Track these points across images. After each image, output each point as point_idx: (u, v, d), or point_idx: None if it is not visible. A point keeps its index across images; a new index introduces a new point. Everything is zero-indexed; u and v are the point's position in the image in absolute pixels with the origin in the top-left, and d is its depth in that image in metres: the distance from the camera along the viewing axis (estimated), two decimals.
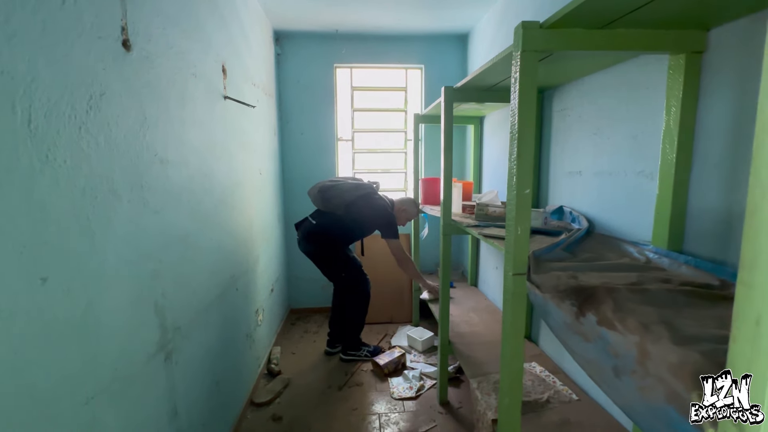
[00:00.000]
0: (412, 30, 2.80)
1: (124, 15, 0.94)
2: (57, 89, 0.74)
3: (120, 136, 0.92)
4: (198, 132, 1.38)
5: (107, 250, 0.87)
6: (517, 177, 0.90)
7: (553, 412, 1.30)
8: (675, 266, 0.90)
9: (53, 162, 0.72)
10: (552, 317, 0.82)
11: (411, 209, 2.44)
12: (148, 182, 1.05)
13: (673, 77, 0.96)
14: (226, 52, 1.71)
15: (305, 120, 2.98)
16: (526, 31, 0.87)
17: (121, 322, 0.92)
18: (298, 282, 3.12)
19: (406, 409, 1.91)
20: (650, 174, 1.11)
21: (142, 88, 1.02)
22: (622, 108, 1.23)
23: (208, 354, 1.44)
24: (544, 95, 1.71)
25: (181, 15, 1.26)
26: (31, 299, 0.67)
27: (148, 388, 1.04)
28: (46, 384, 0.70)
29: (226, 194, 1.71)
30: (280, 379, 2.13)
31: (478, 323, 2.11)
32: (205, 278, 1.43)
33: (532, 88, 0.89)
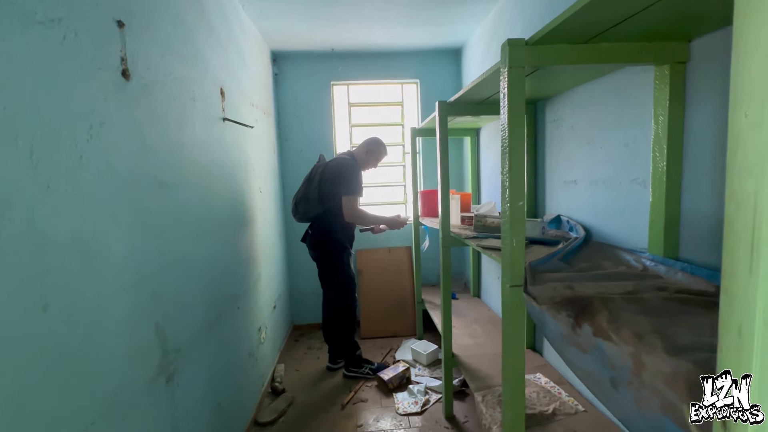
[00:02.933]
0: (407, 46, 2.86)
1: (123, 46, 0.97)
2: (58, 121, 0.76)
3: (120, 162, 0.95)
4: (197, 154, 1.41)
5: (107, 275, 0.89)
6: (510, 189, 0.92)
7: (559, 424, 1.28)
8: (671, 273, 0.91)
9: (54, 191, 0.74)
10: (549, 329, 0.82)
11: (375, 148, 2.30)
12: (147, 206, 1.07)
13: (659, 87, 0.98)
14: (224, 75, 1.75)
15: (304, 137, 3.02)
16: (512, 48, 0.90)
17: (121, 345, 0.93)
18: (301, 297, 3.11)
19: (411, 424, 1.88)
20: (643, 182, 1.12)
21: (141, 115, 1.05)
22: (613, 117, 1.25)
23: (210, 375, 1.44)
24: (536, 106, 1.74)
25: (179, 42, 1.30)
26: (33, 327, 0.68)
27: (149, 412, 1.03)
28: (47, 411, 0.71)
29: (226, 214, 1.73)
30: (284, 398, 2.11)
31: (482, 335, 2.09)
32: (205, 298, 1.44)
33: (521, 101, 0.91)
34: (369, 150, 2.32)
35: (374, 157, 2.34)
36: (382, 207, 3.21)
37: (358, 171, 2.24)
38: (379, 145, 2.35)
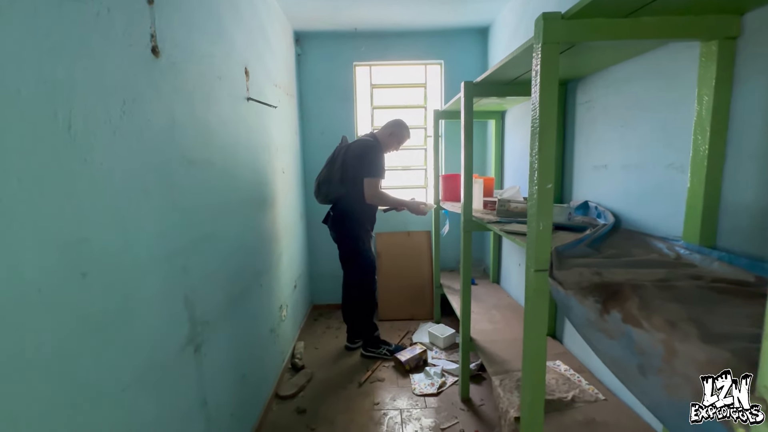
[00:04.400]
0: (432, 25, 2.78)
1: (153, 23, 0.98)
2: (93, 96, 0.78)
3: (151, 139, 0.97)
4: (223, 133, 1.43)
5: (140, 247, 0.92)
6: (538, 172, 0.89)
7: (578, 411, 1.28)
8: (707, 262, 0.87)
9: (91, 164, 0.77)
10: (574, 314, 0.81)
11: (398, 130, 2.28)
12: (176, 182, 1.09)
13: (704, 65, 0.92)
14: (249, 54, 1.75)
15: (325, 119, 3.02)
16: (547, 22, 0.85)
17: (154, 314, 0.97)
18: (320, 278, 3.17)
19: (427, 405, 1.92)
20: (681, 166, 1.07)
21: (170, 92, 1.06)
22: (651, 98, 1.18)
23: (235, 347, 1.50)
24: (567, 87, 1.67)
25: (206, 21, 1.31)
26: (73, 293, 0.72)
27: (179, 378, 1.09)
28: (88, 371, 0.75)
29: (250, 193, 1.76)
30: (304, 373, 2.18)
31: (500, 320, 2.08)
32: (230, 274, 1.48)
33: (554, 80, 0.87)
34: (392, 132, 2.30)
35: (397, 139, 2.32)
36: (402, 191, 3.20)
37: (381, 153, 2.23)
38: (403, 128, 2.32)
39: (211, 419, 1.27)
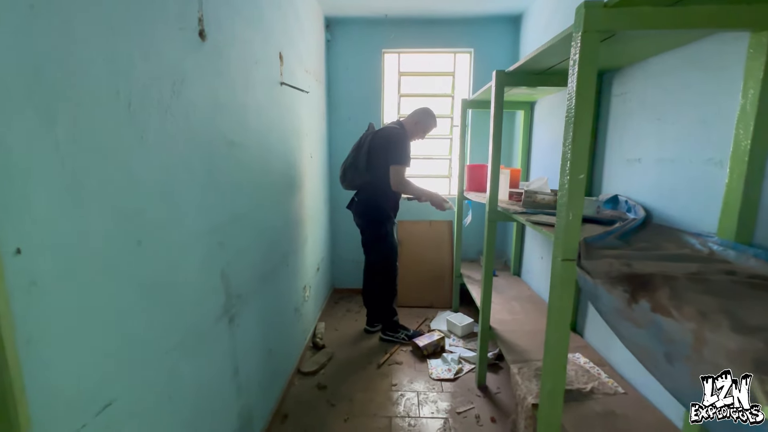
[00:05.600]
0: (463, 12, 2.74)
1: (200, 7, 1.03)
2: (148, 76, 0.83)
3: (197, 119, 1.02)
4: (258, 116, 1.48)
5: (186, 221, 0.98)
6: (571, 162, 0.89)
7: (597, 402, 1.29)
8: (743, 259, 0.86)
9: (146, 141, 0.83)
10: (602, 302, 0.82)
11: (425, 119, 2.28)
12: (216, 162, 1.15)
13: (753, 57, 0.89)
14: (283, 40, 1.79)
15: (353, 106, 3.04)
16: (588, 10, 0.84)
17: (195, 285, 1.04)
18: (342, 263, 3.24)
19: (444, 389, 1.96)
20: (720, 161, 1.04)
21: (214, 75, 1.11)
22: (691, 91, 1.15)
23: (263, 322, 1.57)
24: (602, 78, 1.63)
25: (245, 5, 1.34)
26: (130, 258, 0.78)
27: (215, 346, 1.16)
28: (139, 332, 0.82)
29: (281, 176, 1.81)
30: (325, 352, 2.26)
31: (520, 312, 2.09)
32: (261, 253, 1.55)
33: (593, 70, 0.86)
34: (419, 120, 2.31)
35: (422, 128, 2.32)
36: (426, 180, 3.20)
37: (407, 141, 2.24)
38: (429, 116, 2.32)
39: (241, 387, 1.35)
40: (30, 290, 0.57)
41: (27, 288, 0.56)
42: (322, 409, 1.81)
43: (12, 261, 0.54)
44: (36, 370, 0.58)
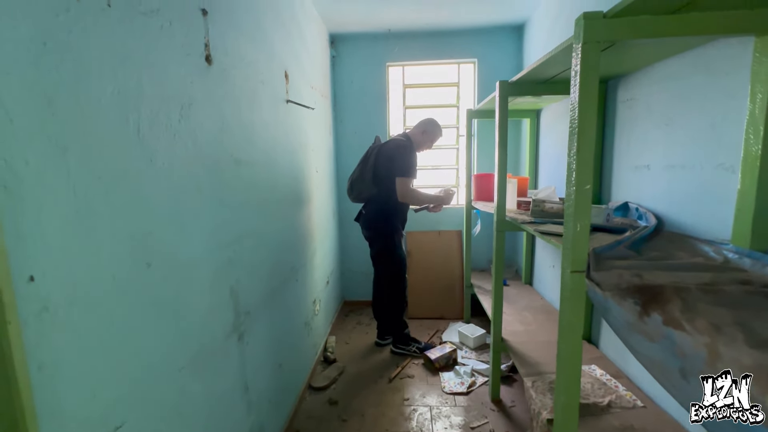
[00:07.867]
0: (465, 24, 2.77)
1: (206, 33, 1.06)
2: (156, 101, 0.86)
3: (204, 140, 1.05)
4: (264, 134, 1.50)
5: (195, 241, 1.00)
6: (576, 172, 0.88)
7: (614, 416, 1.25)
8: (758, 267, 0.83)
9: (155, 164, 0.85)
10: (612, 316, 0.80)
11: (431, 129, 2.30)
12: (225, 180, 1.17)
13: (759, 60, 0.88)
14: (288, 58, 1.83)
15: (358, 119, 3.08)
16: (588, 21, 0.84)
17: (204, 303, 1.05)
18: (351, 275, 3.24)
19: (457, 403, 1.92)
20: (731, 167, 1.02)
21: (221, 97, 1.14)
22: (698, 95, 1.14)
23: (273, 337, 1.58)
24: (608, 85, 1.62)
25: (251, 27, 1.38)
26: (140, 281, 0.80)
27: (225, 364, 1.17)
28: (150, 351, 0.83)
29: (288, 191, 1.83)
30: (336, 367, 2.25)
31: (533, 322, 2.06)
32: (270, 268, 1.56)
33: (594, 80, 0.86)
34: (425, 131, 2.33)
35: (429, 138, 2.34)
36: (433, 190, 3.20)
37: (413, 152, 2.25)
38: (435, 126, 2.34)
39: (252, 404, 1.35)
40: (41, 316, 0.58)
41: (38, 314, 0.58)
42: (334, 425, 1.79)
43: (25, 288, 0.56)
44: (47, 396, 0.59)
